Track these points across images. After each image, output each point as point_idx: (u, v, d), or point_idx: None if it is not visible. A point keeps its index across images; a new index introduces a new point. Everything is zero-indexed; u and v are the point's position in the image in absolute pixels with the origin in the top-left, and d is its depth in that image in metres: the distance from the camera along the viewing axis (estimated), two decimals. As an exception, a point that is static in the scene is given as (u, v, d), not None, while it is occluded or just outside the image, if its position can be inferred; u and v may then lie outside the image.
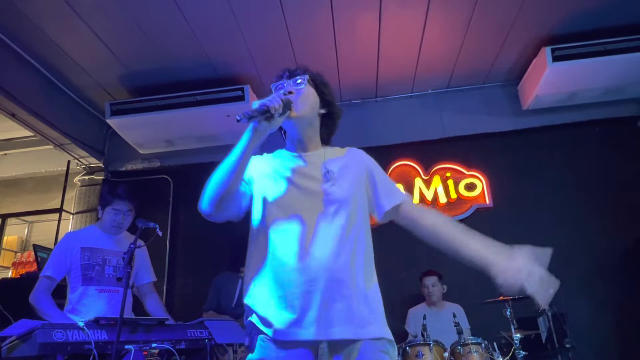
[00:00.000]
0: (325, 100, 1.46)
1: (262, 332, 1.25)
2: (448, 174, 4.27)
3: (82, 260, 2.57)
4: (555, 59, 3.59)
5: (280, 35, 3.55)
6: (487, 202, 4.14)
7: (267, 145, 1.41)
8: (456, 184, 4.22)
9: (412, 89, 4.44)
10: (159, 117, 3.94)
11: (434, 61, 4.02)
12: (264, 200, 1.35)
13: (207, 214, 1.27)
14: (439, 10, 3.40)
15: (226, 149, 1.29)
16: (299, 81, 1.40)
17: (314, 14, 3.38)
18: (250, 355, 1.26)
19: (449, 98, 4.46)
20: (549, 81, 3.75)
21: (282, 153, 1.48)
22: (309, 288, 1.21)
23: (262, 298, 1.27)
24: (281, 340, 1.21)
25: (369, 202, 1.42)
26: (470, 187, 4.21)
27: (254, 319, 1.28)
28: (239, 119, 1.18)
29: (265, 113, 1.22)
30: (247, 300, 1.31)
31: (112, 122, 4.02)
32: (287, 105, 1.29)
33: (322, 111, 1.46)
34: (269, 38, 3.60)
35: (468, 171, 4.26)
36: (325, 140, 1.51)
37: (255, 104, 1.23)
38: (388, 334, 1.27)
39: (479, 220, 4.12)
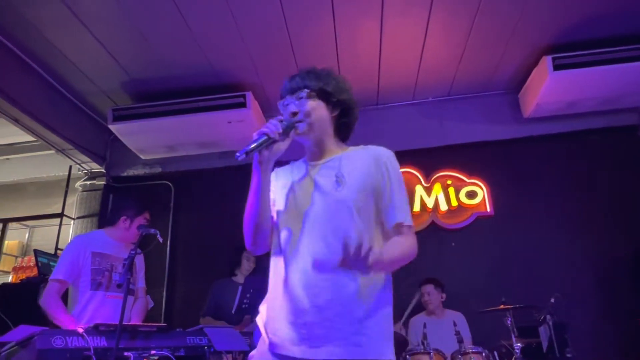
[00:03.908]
0: (334, 102, 1.41)
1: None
2: (449, 182, 4.27)
3: (92, 265, 2.60)
4: (556, 67, 3.60)
5: (282, 42, 3.57)
6: (488, 210, 4.13)
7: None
8: (457, 192, 4.21)
9: (413, 96, 4.46)
10: (161, 123, 3.95)
11: (434, 69, 4.04)
12: (278, 212, 1.38)
13: (250, 251, 1.37)
14: (440, 19, 3.42)
15: (227, 156, 1.31)
16: (300, 98, 1.37)
17: (316, 22, 3.40)
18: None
19: (450, 106, 4.47)
20: (550, 90, 3.75)
21: (300, 164, 1.47)
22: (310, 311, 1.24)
23: (272, 310, 1.31)
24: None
25: (379, 210, 1.35)
26: (471, 194, 4.20)
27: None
28: (238, 156, 1.17)
29: (265, 142, 1.22)
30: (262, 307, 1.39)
31: (114, 127, 4.04)
32: (289, 128, 1.30)
33: (335, 113, 1.42)
34: (271, 45, 3.61)
35: (469, 179, 4.26)
36: (345, 138, 1.49)
37: (255, 135, 1.23)
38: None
39: (479, 228, 4.12)
